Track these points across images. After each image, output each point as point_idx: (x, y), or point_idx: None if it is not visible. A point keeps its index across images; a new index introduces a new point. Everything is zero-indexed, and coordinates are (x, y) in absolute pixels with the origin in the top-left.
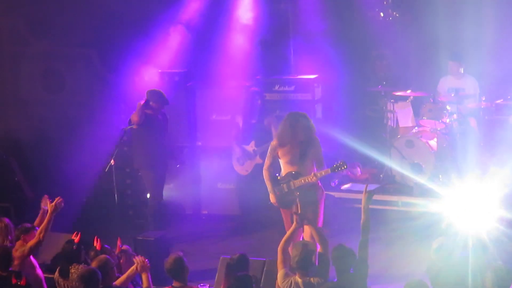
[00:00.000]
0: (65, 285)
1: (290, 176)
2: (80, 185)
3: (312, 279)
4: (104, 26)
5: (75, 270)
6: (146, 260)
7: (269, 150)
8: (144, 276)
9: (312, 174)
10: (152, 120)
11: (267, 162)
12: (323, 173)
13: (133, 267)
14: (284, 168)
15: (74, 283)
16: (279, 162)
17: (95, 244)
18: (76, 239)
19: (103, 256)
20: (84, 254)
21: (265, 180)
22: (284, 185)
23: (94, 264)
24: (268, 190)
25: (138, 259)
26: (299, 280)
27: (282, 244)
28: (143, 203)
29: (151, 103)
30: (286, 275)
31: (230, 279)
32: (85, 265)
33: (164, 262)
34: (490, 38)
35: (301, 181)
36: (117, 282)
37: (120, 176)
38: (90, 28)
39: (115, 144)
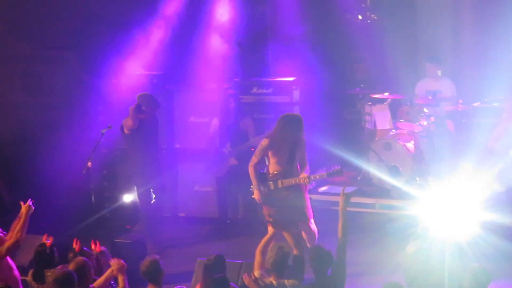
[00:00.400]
0: None
1: (279, 175)
2: (58, 187)
3: (286, 281)
4: (83, 29)
5: (51, 274)
6: (122, 260)
7: (259, 148)
8: (120, 278)
9: (306, 176)
10: (144, 125)
11: (254, 159)
12: (317, 176)
13: (110, 269)
14: (272, 167)
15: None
16: (264, 160)
17: (74, 246)
18: (48, 243)
19: (80, 258)
20: (57, 258)
21: (250, 176)
22: (271, 183)
23: (71, 267)
24: (253, 186)
25: (113, 262)
26: (274, 282)
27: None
28: (120, 205)
29: (143, 107)
30: (261, 277)
31: (207, 281)
32: (60, 268)
33: (140, 265)
34: (468, 41)
35: (291, 181)
36: (95, 284)
37: (97, 178)
38: (68, 31)
39: (93, 146)
